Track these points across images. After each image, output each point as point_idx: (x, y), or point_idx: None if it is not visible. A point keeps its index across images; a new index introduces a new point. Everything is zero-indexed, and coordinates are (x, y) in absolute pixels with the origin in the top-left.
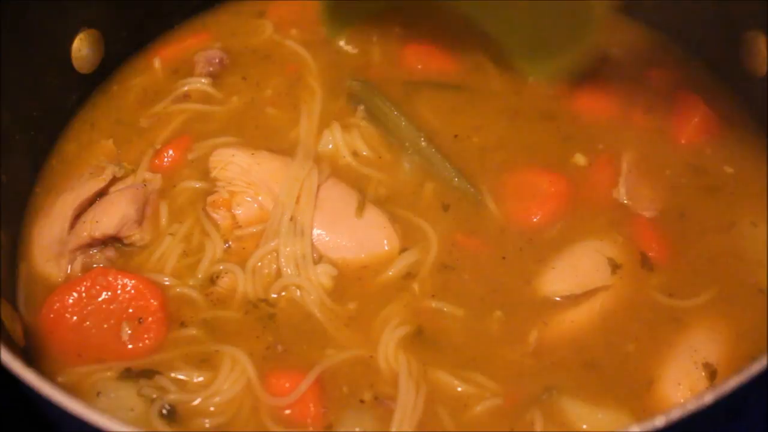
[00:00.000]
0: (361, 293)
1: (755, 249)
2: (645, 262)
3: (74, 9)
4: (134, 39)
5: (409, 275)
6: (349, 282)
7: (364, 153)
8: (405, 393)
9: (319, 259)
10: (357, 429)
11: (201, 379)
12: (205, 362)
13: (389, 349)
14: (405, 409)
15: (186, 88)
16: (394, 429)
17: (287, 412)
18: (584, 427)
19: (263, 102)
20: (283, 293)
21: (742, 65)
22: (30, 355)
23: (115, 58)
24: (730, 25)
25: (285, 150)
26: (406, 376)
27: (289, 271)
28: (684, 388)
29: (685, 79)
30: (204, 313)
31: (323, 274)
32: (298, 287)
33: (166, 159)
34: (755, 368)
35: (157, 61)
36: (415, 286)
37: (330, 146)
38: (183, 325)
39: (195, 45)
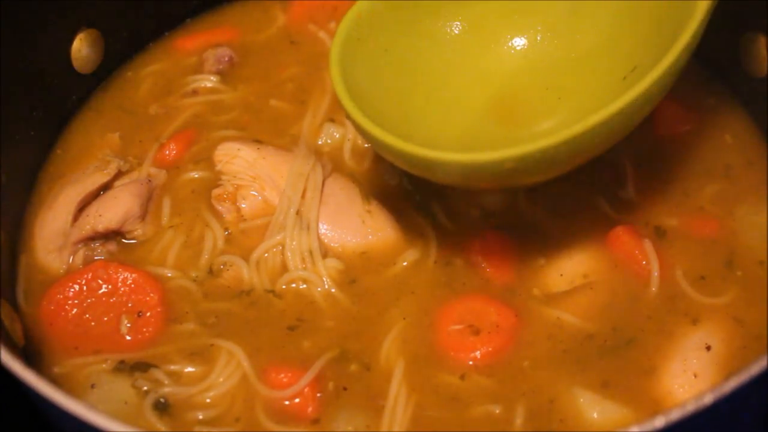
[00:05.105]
0: (367, 288)
1: (757, 248)
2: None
3: (74, 9)
4: (134, 39)
5: (414, 271)
6: (355, 277)
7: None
8: (398, 392)
9: (325, 254)
10: (350, 426)
11: (196, 372)
12: (202, 356)
13: (392, 346)
14: (396, 408)
15: (194, 86)
16: (384, 428)
17: (286, 403)
18: (594, 415)
19: (271, 97)
20: (293, 285)
21: (742, 66)
22: (28, 347)
23: (115, 58)
24: (730, 26)
25: (287, 145)
26: (401, 376)
27: (295, 264)
28: (688, 373)
29: (683, 80)
30: (204, 307)
31: (330, 269)
32: (305, 281)
33: (170, 153)
34: (755, 368)
35: (165, 57)
36: (420, 283)
37: (329, 141)
38: (182, 319)
39: (204, 42)
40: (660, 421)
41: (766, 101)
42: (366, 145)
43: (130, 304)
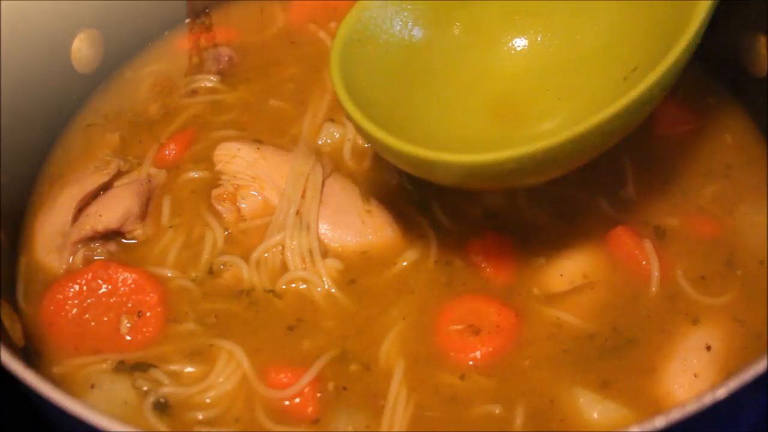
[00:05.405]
0: (367, 288)
1: (757, 248)
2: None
3: (74, 9)
4: (134, 39)
5: (414, 271)
6: (355, 277)
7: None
8: (398, 392)
9: (325, 254)
10: (350, 426)
11: (196, 372)
12: (202, 356)
13: (392, 346)
14: (396, 408)
15: (194, 86)
16: (384, 428)
17: (286, 403)
18: (594, 415)
19: (271, 97)
20: (293, 285)
21: (742, 66)
22: (28, 347)
23: (115, 58)
24: (730, 26)
25: (287, 145)
26: (401, 376)
27: (295, 264)
28: (688, 373)
29: (683, 80)
30: (204, 307)
31: (330, 269)
32: (305, 281)
33: (170, 153)
34: (755, 368)
35: (165, 57)
36: (420, 283)
37: (329, 141)
38: (182, 319)
39: (204, 42)
40: (660, 421)
41: (766, 101)
42: (366, 145)
43: (130, 304)
